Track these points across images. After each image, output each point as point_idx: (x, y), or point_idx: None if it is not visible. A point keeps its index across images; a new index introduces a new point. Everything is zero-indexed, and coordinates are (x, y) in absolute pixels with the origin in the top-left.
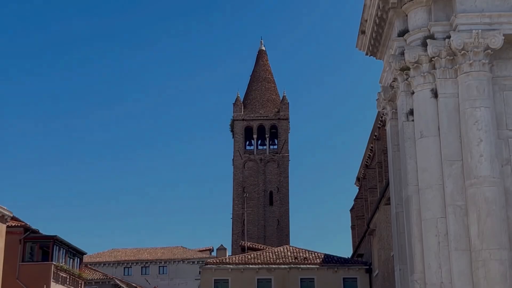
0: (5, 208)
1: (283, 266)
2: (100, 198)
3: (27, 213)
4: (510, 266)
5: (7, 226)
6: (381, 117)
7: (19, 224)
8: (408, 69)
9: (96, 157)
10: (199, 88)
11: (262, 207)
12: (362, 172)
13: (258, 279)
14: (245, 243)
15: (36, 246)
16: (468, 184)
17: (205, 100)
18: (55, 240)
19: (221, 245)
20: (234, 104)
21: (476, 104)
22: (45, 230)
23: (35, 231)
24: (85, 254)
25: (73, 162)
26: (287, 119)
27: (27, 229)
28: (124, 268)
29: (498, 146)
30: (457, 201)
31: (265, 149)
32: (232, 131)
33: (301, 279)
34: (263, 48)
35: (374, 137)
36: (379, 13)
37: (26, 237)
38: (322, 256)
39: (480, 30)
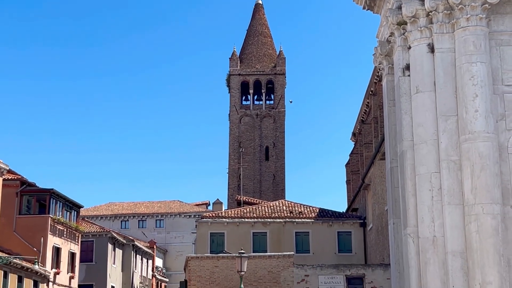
0: (1, 161)
1: (278, 220)
2: (97, 152)
3: (23, 166)
4: (502, 220)
5: (4, 179)
6: (378, 72)
7: (15, 177)
8: (405, 23)
9: (93, 110)
10: (195, 42)
11: (258, 162)
12: (358, 127)
13: (253, 232)
14: (241, 197)
15: (33, 199)
16: (463, 139)
17: (202, 55)
18: (52, 193)
19: (217, 199)
20: (230, 58)
21: (473, 59)
22: (41, 184)
23: (32, 184)
24: (82, 207)
25: (70, 116)
26: (283, 74)
27: (23, 182)
28: (121, 221)
29: (493, 102)
30: (451, 156)
31: (261, 104)
32: (228, 86)
33: (296, 232)
34: (260, 1)
35: (370, 92)
36: None
37: (23, 190)
38: (317, 210)
39: None
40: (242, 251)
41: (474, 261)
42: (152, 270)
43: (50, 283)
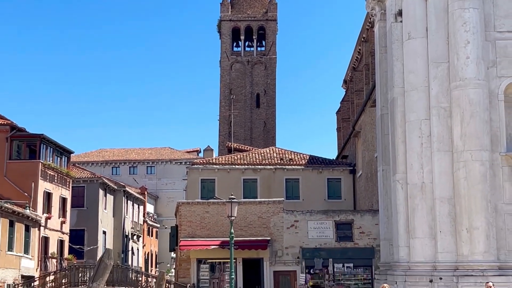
0: None
1: (268, 166)
2: (88, 98)
3: (13, 112)
4: (491, 167)
5: None
6: (370, 19)
7: (5, 122)
8: None
9: (83, 54)
10: None
11: (249, 109)
12: (349, 74)
13: (244, 179)
14: (231, 144)
15: (23, 145)
16: (453, 86)
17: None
18: (42, 139)
19: (208, 146)
20: (221, 4)
21: (465, 5)
22: (31, 129)
23: (22, 130)
24: (73, 153)
25: (60, 58)
26: (275, 20)
27: (13, 127)
28: (112, 167)
29: (485, 48)
30: (442, 103)
31: (253, 50)
32: (219, 32)
33: (286, 179)
34: None
35: (362, 39)
36: None
37: (13, 135)
38: (307, 157)
39: None
40: (233, 196)
41: (462, 207)
42: (143, 216)
43: (42, 228)
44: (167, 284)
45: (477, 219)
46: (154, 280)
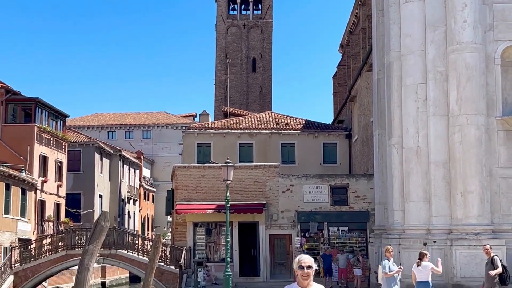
0: None
1: (264, 131)
2: (83, 60)
3: (8, 75)
4: (486, 131)
5: None
6: None
7: (0, 86)
8: None
9: (79, 18)
10: None
11: (245, 73)
12: (346, 38)
13: (240, 143)
14: (227, 108)
15: (18, 108)
16: (450, 50)
17: None
18: (37, 102)
19: (204, 110)
20: None
21: None
22: (27, 93)
23: (17, 93)
24: (68, 116)
25: (56, 22)
26: None
27: (8, 90)
28: (108, 132)
29: (482, 12)
30: (438, 67)
31: (249, 14)
32: None
33: (282, 144)
34: None
35: (359, 2)
36: None
37: (8, 99)
38: (303, 122)
39: None
40: (228, 160)
41: (457, 171)
42: (140, 180)
43: (38, 191)
44: (163, 247)
45: (471, 183)
46: (151, 243)
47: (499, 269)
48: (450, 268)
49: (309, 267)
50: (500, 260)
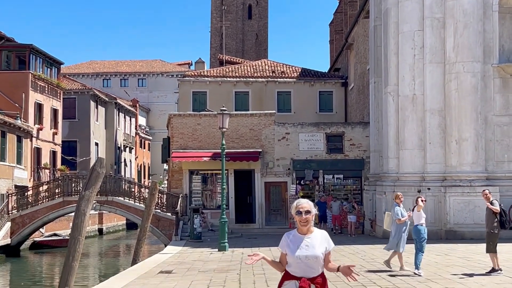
0: None
1: (260, 79)
2: (79, 8)
3: (1, 21)
4: (482, 78)
5: None
6: None
7: None
8: None
9: None
10: None
11: (240, 20)
12: None
13: (235, 92)
14: (223, 56)
15: (12, 55)
16: None
17: None
18: (31, 49)
19: (199, 58)
20: None
21: None
22: (21, 39)
23: (10, 40)
24: (63, 64)
25: None
26: None
27: (1, 37)
28: (103, 80)
29: None
30: (436, 14)
31: None
32: None
33: (277, 92)
34: None
35: None
36: None
37: (1, 46)
38: (299, 70)
39: None
40: (224, 108)
41: (452, 119)
42: (136, 128)
43: (34, 139)
44: (159, 194)
45: (466, 130)
46: (147, 190)
47: (497, 209)
48: (444, 214)
49: (308, 212)
50: (500, 205)
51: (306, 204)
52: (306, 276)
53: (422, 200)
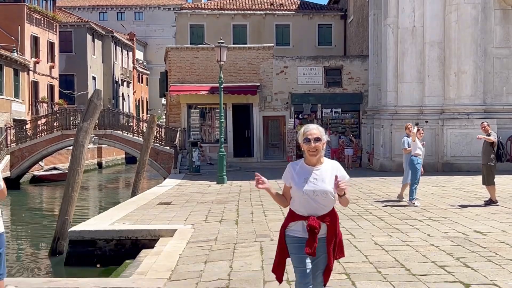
0: None
1: (258, 12)
2: None
3: None
4: (483, 10)
5: None
6: None
7: None
8: None
9: None
10: None
11: None
12: None
13: (233, 25)
14: None
15: None
16: None
17: None
18: None
19: None
20: None
21: None
22: None
23: None
24: None
25: None
26: None
27: None
28: (99, 13)
29: None
30: None
31: None
32: None
33: (276, 25)
34: None
35: None
36: None
37: None
38: (298, 3)
39: None
40: (222, 41)
41: (451, 51)
42: (133, 63)
43: (31, 72)
44: (158, 128)
45: (465, 63)
46: (145, 124)
47: (494, 140)
48: (441, 147)
49: (317, 139)
50: (499, 137)
51: (315, 130)
52: (315, 215)
53: (417, 130)
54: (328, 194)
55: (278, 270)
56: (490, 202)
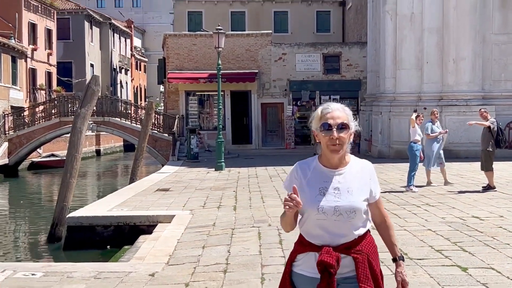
0: None
1: None
2: None
3: None
4: None
5: None
6: None
7: None
8: None
9: None
10: None
11: None
12: None
13: (231, 12)
14: None
15: None
16: None
17: None
18: None
19: None
20: None
21: None
22: None
23: None
24: None
25: None
26: None
27: None
28: (97, 0)
29: None
30: None
31: None
32: None
33: (274, 12)
34: None
35: None
36: None
37: None
38: None
39: None
40: (220, 27)
41: (450, 38)
42: (131, 50)
43: (29, 60)
44: (156, 115)
45: (464, 49)
46: (143, 112)
47: (490, 124)
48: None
49: (343, 126)
50: (499, 124)
51: (340, 111)
52: (333, 243)
53: (417, 116)
54: (357, 213)
55: None
56: (488, 187)
